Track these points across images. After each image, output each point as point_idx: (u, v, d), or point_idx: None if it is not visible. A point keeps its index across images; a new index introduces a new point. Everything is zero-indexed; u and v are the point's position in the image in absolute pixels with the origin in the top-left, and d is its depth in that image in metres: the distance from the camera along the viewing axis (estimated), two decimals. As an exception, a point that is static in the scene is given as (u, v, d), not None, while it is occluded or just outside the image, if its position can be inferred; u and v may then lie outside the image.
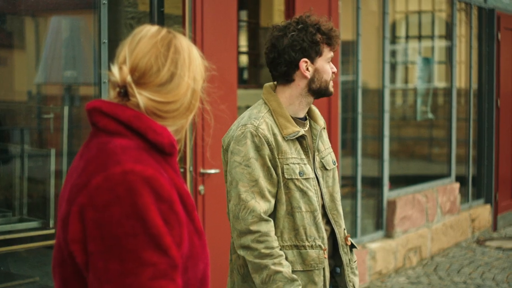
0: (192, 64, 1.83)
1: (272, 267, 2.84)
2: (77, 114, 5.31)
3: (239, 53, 8.61)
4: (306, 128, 3.07)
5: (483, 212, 9.75)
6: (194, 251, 1.77)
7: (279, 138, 2.93)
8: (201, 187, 5.09)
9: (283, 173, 2.92)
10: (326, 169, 3.08)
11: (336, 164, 3.18)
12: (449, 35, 9.34)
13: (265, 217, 2.87)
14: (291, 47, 2.97)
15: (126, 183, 1.63)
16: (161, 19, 4.89)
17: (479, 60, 9.87)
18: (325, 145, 3.13)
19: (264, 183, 2.89)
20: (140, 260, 1.60)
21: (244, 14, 9.08)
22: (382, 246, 7.41)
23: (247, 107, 7.71)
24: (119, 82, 1.76)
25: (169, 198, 1.67)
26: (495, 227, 10.02)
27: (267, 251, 2.85)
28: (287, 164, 2.92)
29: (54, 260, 1.78)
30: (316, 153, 3.07)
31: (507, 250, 8.78)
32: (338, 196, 3.12)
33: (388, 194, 7.76)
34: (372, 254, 7.21)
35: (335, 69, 3.09)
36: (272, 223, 2.89)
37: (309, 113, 3.13)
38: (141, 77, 1.77)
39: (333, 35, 3.02)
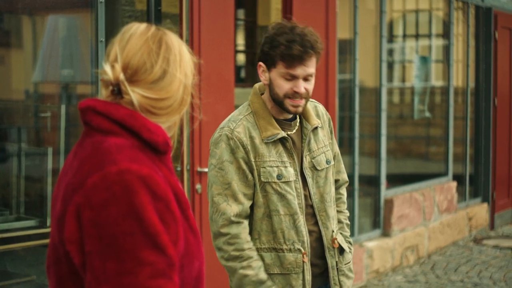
0: (182, 60, 1.82)
1: (240, 271, 2.87)
2: (74, 112, 5.32)
3: (236, 51, 8.61)
4: (294, 130, 3.03)
5: (480, 210, 9.76)
6: (189, 249, 1.77)
7: (257, 141, 2.93)
8: (198, 186, 5.09)
9: (259, 176, 2.92)
10: (316, 169, 3.05)
11: (332, 163, 3.12)
12: (446, 33, 9.35)
13: (236, 219, 2.89)
14: (260, 46, 2.97)
15: (123, 182, 1.63)
16: (158, 18, 4.89)
17: (476, 58, 9.88)
18: (318, 144, 3.08)
19: (237, 186, 2.90)
20: (137, 259, 1.60)
21: (241, 13, 9.09)
22: (379, 245, 7.41)
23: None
24: (112, 80, 1.76)
25: (165, 197, 1.67)
26: (492, 225, 10.04)
27: (237, 253, 2.88)
28: (264, 167, 2.92)
29: (49, 259, 1.78)
30: (307, 153, 3.04)
31: (504, 248, 8.79)
32: (328, 197, 3.07)
33: (385, 192, 7.77)
34: (369, 253, 7.22)
35: (298, 89, 2.90)
36: (244, 225, 2.91)
37: (303, 112, 3.07)
38: (133, 75, 1.76)
39: (291, 54, 2.86)
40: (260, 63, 2.98)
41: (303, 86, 2.90)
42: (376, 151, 7.76)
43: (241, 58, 9.25)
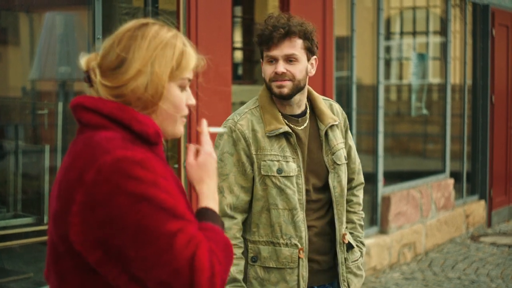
0: (152, 49, 1.78)
1: None
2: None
3: (234, 49, 8.61)
4: (302, 126, 3.04)
5: (477, 208, 9.77)
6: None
7: (259, 134, 2.95)
8: (195, 183, 5.08)
9: (259, 169, 2.93)
10: (337, 164, 3.06)
11: (346, 161, 3.15)
12: (443, 31, 9.35)
13: (230, 212, 2.91)
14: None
15: (121, 170, 1.64)
16: (156, 15, 4.89)
17: (473, 56, 9.88)
18: (337, 140, 3.09)
19: (235, 178, 2.92)
20: (166, 234, 1.61)
21: (238, 10, 9.09)
22: (377, 242, 7.42)
23: (242, 103, 7.71)
24: (84, 68, 1.80)
25: (164, 174, 1.69)
26: (489, 223, 10.04)
27: None
28: (264, 160, 2.93)
29: (49, 257, 1.77)
30: (328, 151, 3.05)
31: (501, 246, 8.80)
32: (344, 192, 3.11)
33: (382, 190, 7.77)
34: (366, 250, 7.23)
35: (277, 69, 2.91)
36: (236, 221, 2.92)
37: (316, 111, 3.09)
38: (100, 64, 1.79)
39: (261, 34, 2.93)
40: (261, 59, 3.02)
41: (283, 67, 2.91)
42: (373, 148, 7.77)
43: (238, 55, 9.24)
